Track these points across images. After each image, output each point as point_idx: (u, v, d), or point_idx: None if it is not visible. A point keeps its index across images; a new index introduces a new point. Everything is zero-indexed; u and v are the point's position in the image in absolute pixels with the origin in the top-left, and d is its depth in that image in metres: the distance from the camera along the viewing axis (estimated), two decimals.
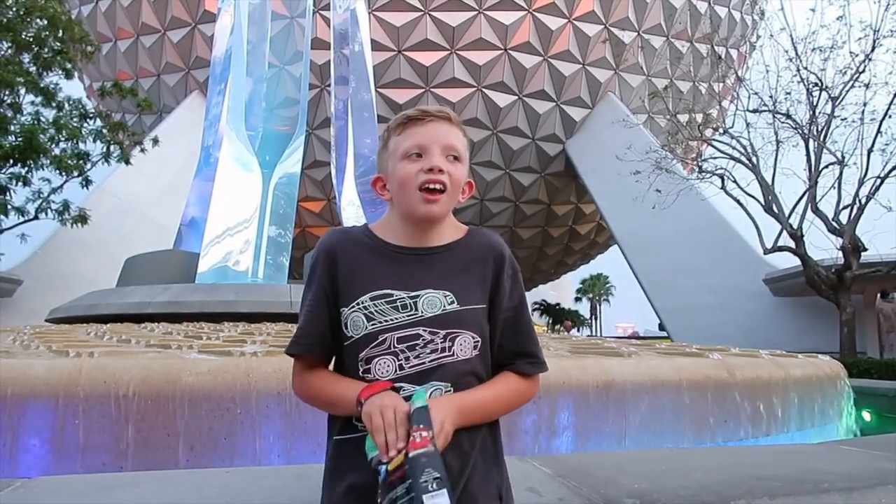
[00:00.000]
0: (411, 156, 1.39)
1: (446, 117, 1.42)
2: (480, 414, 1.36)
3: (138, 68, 34.06)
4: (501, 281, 1.44)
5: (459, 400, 1.31)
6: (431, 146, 1.38)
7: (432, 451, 1.10)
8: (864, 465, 2.19)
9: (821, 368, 5.58)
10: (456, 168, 1.40)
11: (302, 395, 1.44)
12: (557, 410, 3.62)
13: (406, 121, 1.42)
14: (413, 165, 1.38)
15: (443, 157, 1.38)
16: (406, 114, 1.43)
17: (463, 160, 1.42)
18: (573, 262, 46.71)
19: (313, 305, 1.43)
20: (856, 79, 18.86)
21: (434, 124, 1.40)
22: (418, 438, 1.12)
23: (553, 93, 32.82)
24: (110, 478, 2.06)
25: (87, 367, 3.29)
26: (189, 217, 13.37)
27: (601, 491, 1.82)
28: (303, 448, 3.29)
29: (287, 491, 1.82)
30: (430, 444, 1.11)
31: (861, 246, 18.34)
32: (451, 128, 1.42)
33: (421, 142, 1.38)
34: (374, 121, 16.61)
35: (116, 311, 9.63)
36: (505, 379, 1.42)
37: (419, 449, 1.11)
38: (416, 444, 1.12)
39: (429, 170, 1.36)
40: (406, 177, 1.38)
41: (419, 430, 1.13)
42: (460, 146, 1.42)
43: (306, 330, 1.43)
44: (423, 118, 1.40)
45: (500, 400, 1.40)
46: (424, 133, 1.39)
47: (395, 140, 1.43)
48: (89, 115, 20.57)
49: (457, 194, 1.42)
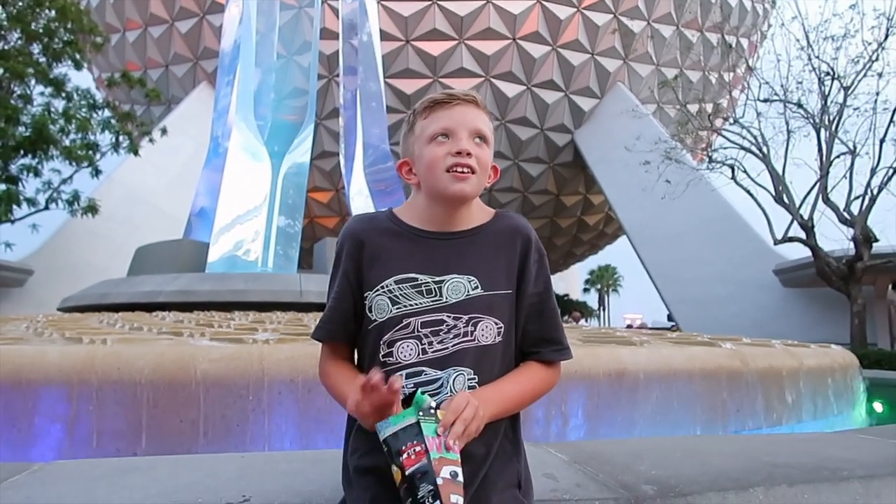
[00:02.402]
0: (438, 139, 1.37)
1: (473, 101, 1.41)
2: (513, 406, 1.37)
3: (147, 59, 34.10)
4: (528, 265, 1.42)
5: (493, 394, 1.32)
6: (458, 129, 1.37)
7: (425, 466, 1.13)
8: (882, 454, 2.17)
9: (834, 358, 5.54)
10: (483, 151, 1.39)
11: (322, 382, 1.46)
12: (569, 398, 3.61)
13: (432, 104, 1.41)
14: (440, 148, 1.36)
15: (470, 141, 1.37)
16: (433, 97, 1.42)
17: (489, 143, 1.41)
18: (581, 252, 46.61)
19: (338, 292, 1.43)
20: (868, 68, 18.65)
21: (461, 108, 1.39)
22: (413, 455, 1.14)
23: (562, 83, 32.63)
24: (125, 462, 2.07)
25: (100, 354, 3.31)
26: (198, 207, 13.40)
27: (618, 477, 1.81)
28: (315, 434, 3.30)
29: (303, 475, 1.82)
30: (424, 458, 1.14)
31: (872, 237, 18.19)
32: (477, 111, 1.40)
33: (448, 125, 1.37)
34: (383, 111, 16.57)
35: (127, 299, 9.68)
36: (531, 370, 1.42)
37: (413, 466, 1.13)
38: (410, 460, 1.14)
39: (457, 153, 1.35)
40: (433, 159, 1.36)
41: (412, 447, 1.15)
42: (487, 130, 1.41)
43: (330, 316, 1.44)
44: (450, 101, 1.39)
45: (528, 392, 1.40)
46: (451, 117, 1.38)
47: (422, 124, 1.41)
48: (98, 105, 20.63)
49: (485, 177, 1.41)
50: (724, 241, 25.10)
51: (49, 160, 19.32)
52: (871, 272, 19.12)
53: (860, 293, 18.35)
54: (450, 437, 1.17)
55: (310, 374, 3.35)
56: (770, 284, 24.44)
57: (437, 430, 1.18)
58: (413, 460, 1.14)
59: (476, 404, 1.22)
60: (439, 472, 1.13)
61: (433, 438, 1.17)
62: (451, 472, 1.14)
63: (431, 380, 1.34)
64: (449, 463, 1.15)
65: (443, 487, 1.11)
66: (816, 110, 19.28)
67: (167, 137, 22.37)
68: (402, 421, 1.19)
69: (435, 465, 1.13)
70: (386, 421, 1.21)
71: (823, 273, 18.75)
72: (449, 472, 1.13)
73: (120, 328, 5.31)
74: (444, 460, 1.15)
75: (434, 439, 1.16)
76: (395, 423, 1.19)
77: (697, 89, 31.17)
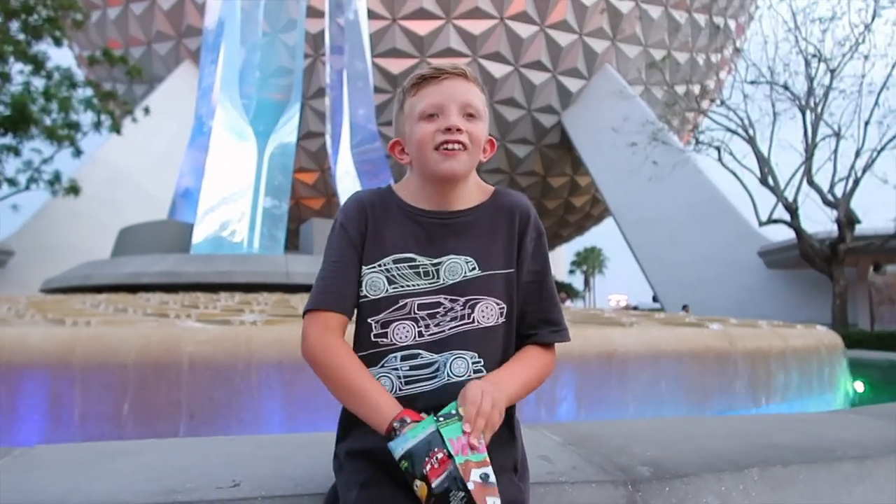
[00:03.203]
0: (427, 115, 1.32)
1: (462, 73, 1.35)
2: (525, 391, 1.33)
3: (129, 37, 33.48)
4: (525, 243, 1.39)
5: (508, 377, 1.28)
6: (448, 105, 1.31)
7: (453, 471, 1.05)
8: (873, 434, 2.18)
9: (819, 339, 5.59)
10: (475, 125, 1.34)
11: (316, 359, 1.30)
12: (560, 379, 3.61)
13: (420, 80, 1.35)
14: (430, 126, 1.31)
15: (460, 116, 1.32)
16: (420, 73, 1.35)
17: (482, 117, 1.36)
18: (568, 234, 46.75)
19: (341, 260, 1.35)
20: (855, 50, 18.73)
21: (450, 82, 1.33)
22: (437, 464, 1.06)
23: (549, 63, 32.48)
24: (112, 446, 2.03)
25: (84, 336, 3.25)
26: (183, 187, 13.24)
27: (613, 459, 1.80)
28: (304, 417, 3.27)
29: (293, 459, 1.79)
30: (450, 464, 1.06)
31: (855, 219, 18.39)
32: (467, 84, 1.35)
33: (437, 101, 1.31)
34: (370, 91, 16.40)
35: (111, 281, 9.57)
36: (534, 355, 1.38)
37: (440, 476, 1.05)
38: (435, 470, 1.06)
39: (446, 129, 1.30)
40: (423, 137, 1.31)
41: (434, 455, 1.07)
42: (479, 103, 1.35)
43: (333, 284, 1.34)
44: (438, 76, 1.33)
45: (535, 376, 1.35)
46: (440, 91, 1.32)
47: (411, 101, 1.35)
48: (79, 84, 20.27)
49: (478, 152, 1.36)
50: (709, 223, 25.26)
51: (29, 140, 19.01)
52: (853, 254, 19.35)
53: (842, 275, 18.58)
54: (472, 435, 1.10)
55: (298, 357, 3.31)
56: (754, 266, 24.67)
57: (463, 429, 1.10)
58: (438, 469, 1.05)
59: (491, 392, 1.17)
60: (468, 475, 1.05)
61: (456, 441, 1.09)
62: (482, 474, 1.06)
63: (427, 363, 1.31)
64: (477, 465, 1.07)
65: (476, 493, 1.04)
66: (802, 92, 19.37)
67: (150, 117, 22.05)
68: (420, 433, 1.10)
69: (462, 469, 1.05)
70: (402, 436, 1.12)
71: (807, 255, 18.94)
72: (479, 475, 1.06)
73: (104, 310, 5.24)
74: (471, 463, 1.07)
75: (457, 442, 1.08)
76: (413, 437, 1.10)
77: (685, 71, 31.18)
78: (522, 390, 1.31)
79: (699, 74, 32.44)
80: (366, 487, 1.20)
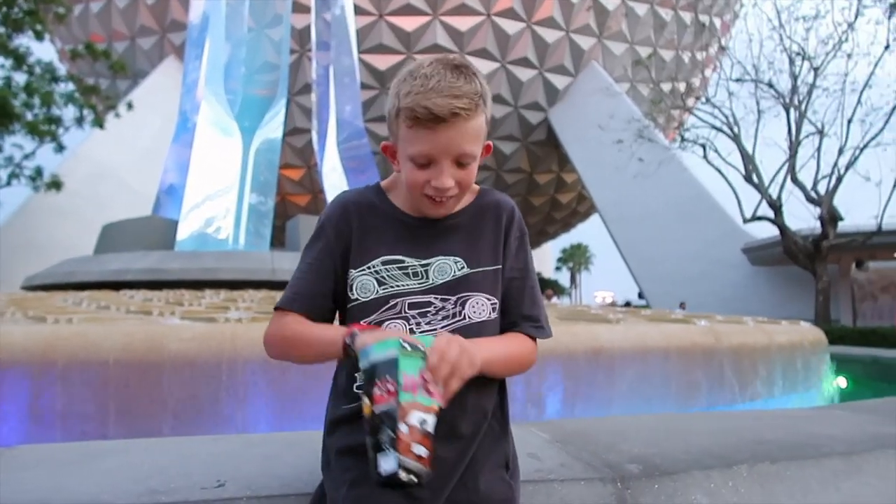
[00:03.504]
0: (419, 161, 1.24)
1: (462, 117, 1.20)
2: (501, 364, 1.28)
3: (112, 31, 33.13)
4: (508, 241, 1.39)
5: (482, 343, 1.24)
6: (441, 159, 1.23)
7: (393, 408, 1.02)
8: (859, 430, 2.19)
9: (804, 335, 5.64)
10: (467, 172, 1.27)
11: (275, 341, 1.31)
12: (548, 376, 3.60)
13: (416, 120, 1.20)
14: (420, 174, 1.25)
15: (452, 168, 1.25)
16: (414, 111, 1.20)
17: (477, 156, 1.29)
18: (554, 231, 46.91)
19: (315, 262, 1.34)
20: (838, 48, 18.89)
21: (444, 133, 1.20)
22: (385, 393, 1.03)
23: (536, 60, 32.52)
24: (95, 445, 1.99)
25: (66, 334, 3.20)
26: (167, 183, 13.13)
27: (602, 456, 1.79)
28: (290, 416, 3.25)
29: (280, 458, 1.77)
30: (393, 399, 1.02)
31: (838, 216, 18.58)
32: (464, 128, 1.21)
33: (428, 152, 1.22)
34: (357, 87, 16.34)
35: (94, 278, 9.47)
36: (515, 337, 1.36)
37: (382, 405, 1.02)
38: (381, 398, 1.03)
39: (436, 188, 1.25)
40: (413, 182, 1.26)
41: (385, 383, 1.03)
42: (475, 146, 1.26)
43: (304, 289, 1.33)
44: (433, 125, 1.20)
45: (515, 355, 1.33)
46: (432, 142, 1.21)
47: (404, 133, 1.24)
48: (61, 78, 20.01)
49: (467, 191, 1.32)
50: (694, 220, 25.43)
51: (11, 135, 18.76)
52: (835, 251, 19.56)
53: (825, 271, 18.77)
54: (430, 382, 1.05)
55: None
56: (739, 263, 24.88)
57: (421, 371, 1.05)
58: (383, 398, 1.02)
59: (461, 345, 1.12)
60: (405, 416, 1.01)
61: (410, 377, 1.04)
62: (420, 419, 1.02)
63: None
64: (421, 409, 1.02)
65: (404, 436, 1.00)
66: (787, 90, 19.52)
67: (134, 112, 21.83)
68: (383, 351, 1.06)
69: (403, 408, 1.01)
70: (369, 347, 1.08)
71: (790, 251, 19.12)
72: (417, 419, 1.01)
73: (86, 307, 5.18)
74: (416, 405, 1.02)
75: (412, 378, 1.04)
76: (377, 352, 1.07)
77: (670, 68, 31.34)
78: (500, 359, 1.28)
79: (685, 72, 32.64)
80: (355, 486, 1.18)
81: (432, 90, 1.19)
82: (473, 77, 1.26)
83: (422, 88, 1.20)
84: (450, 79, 1.21)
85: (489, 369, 1.23)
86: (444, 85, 1.20)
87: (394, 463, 1.00)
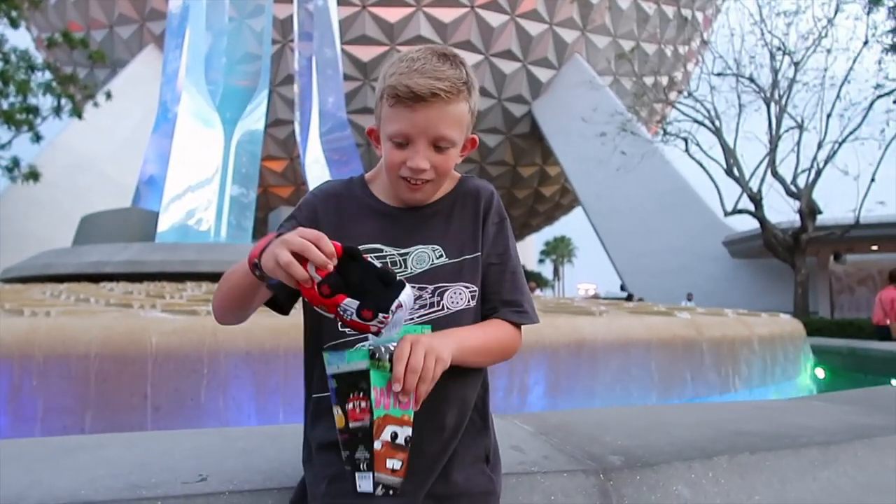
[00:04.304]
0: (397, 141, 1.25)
1: (441, 98, 1.21)
2: (475, 352, 1.25)
3: (90, 19, 32.58)
4: (486, 227, 1.37)
5: (449, 334, 1.21)
6: (417, 138, 1.24)
7: (367, 427, 1.01)
8: (837, 420, 2.22)
9: (783, 327, 5.72)
10: (444, 157, 1.28)
11: (215, 303, 1.29)
12: (530, 369, 3.62)
13: (397, 98, 1.22)
14: (398, 154, 1.26)
15: (429, 150, 1.25)
16: (396, 90, 1.22)
17: (457, 142, 1.29)
18: (537, 223, 47.03)
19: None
20: (818, 44, 19.09)
21: (423, 112, 1.21)
22: (358, 410, 1.02)
23: (520, 53, 32.50)
24: (72, 440, 1.97)
25: (44, 327, 3.16)
26: (147, 174, 12.97)
27: (585, 448, 1.80)
28: (272, 409, 3.24)
29: (262, 452, 1.76)
30: (367, 417, 1.01)
31: (817, 209, 18.82)
32: (445, 109, 1.23)
33: (406, 131, 1.23)
34: (340, 78, 16.24)
35: (73, 270, 9.35)
36: (496, 323, 1.33)
37: (356, 422, 1.02)
38: (355, 414, 1.02)
39: (411, 168, 1.25)
40: (391, 162, 1.27)
41: (358, 399, 1.02)
42: (453, 130, 1.26)
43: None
44: (414, 104, 1.21)
45: (493, 341, 1.30)
46: (411, 121, 1.22)
47: (385, 112, 1.26)
48: (38, 67, 19.67)
49: (444, 178, 1.32)
50: (676, 213, 25.63)
51: None
52: (814, 243, 19.82)
53: (804, 264, 19.02)
54: (402, 392, 1.04)
55: (266, 347, 3.27)
56: (719, 255, 25.12)
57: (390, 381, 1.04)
58: (358, 415, 1.02)
59: (425, 347, 1.09)
60: (380, 434, 1.01)
61: (381, 391, 1.03)
62: (393, 433, 1.02)
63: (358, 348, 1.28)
64: (393, 422, 1.03)
65: (379, 453, 1.01)
66: (767, 85, 19.70)
67: (113, 102, 21.48)
68: (354, 362, 1.04)
69: (377, 425, 1.01)
70: (339, 354, 1.05)
71: (770, 244, 19.34)
72: (390, 434, 1.02)
73: (65, 300, 5.11)
74: (389, 419, 1.02)
75: (383, 391, 1.03)
76: (349, 361, 1.04)
77: (653, 62, 31.48)
78: (476, 348, 1.25)
79: (667, 66, 32.78)
80: (336, 481, 1.17)
81: (416, 71, 1.21)
82: (460, 65, 1.26)
83: (406, 69, 1.22)
84: (435, 63, 1.23)
85: (464, 359, 1.20)
86: (429, 67, 1.22)
87: (370, 484, 1.02)
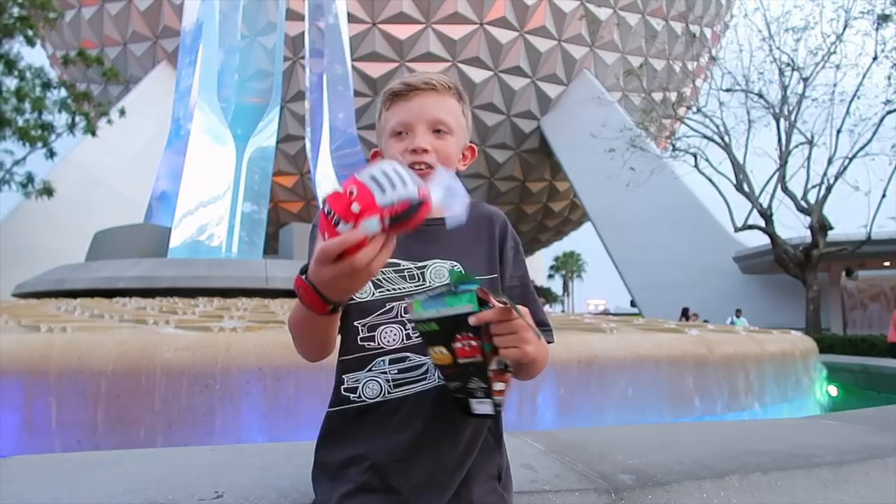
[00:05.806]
0: (397, 134, 1.33)
1: (432, 87, 1.33)
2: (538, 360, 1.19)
3: (104, 37, 33.03)
4: (505, 250, 1.41)
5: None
6: (416, 123, 1.31)
7: (479, 362, 1.07)
8: (849, 439, 2.22)
9: (794, 344, 5.68)
10: (444, 142, 1.33)
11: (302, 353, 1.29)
12: (540, 385, 3.62)
13: (391, 96, 1.35)
14: (399, 145, 1.32)
15: (428, 134, 1.31)
16: (391, 88, 1.35)
17: (454, 131, 1.35)
18: (546, 239, 46.96)
19: None
20: (827, 59, 19.09)
21: (419, 98, 1.32)
22: (467, 348, 1.06)
23: (528, 69, 32.66)
24: (90, 456, 1.99)
25: (59, 343, 3.20)
26: (160, 190, 13.08)
27: (596, 467, 1.81)
28: (285, 425, 3.25)
29: (276, 469, 1.78)
30: (478, 354, 1.06)
31: (828, 225, 18.72)
32: (438, 98, 1.33)
33: (404, 119, 1.32)
34: (350, 95, 16.37)
35: (86, 285, 9.42)
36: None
37: (467, 358, 1.07)
38: (464, 351, 1.07)
39: (412, 150, 1.30)
40: (392, 156, 1.32)
41: (467, 339, 1.06)
42: (449, 117, 1.34)
43: None
44: (407, 92, 1.32)
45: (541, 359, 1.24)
46: (408, 109, 1.32)
47: (385, 116, 1.36)
48: (53, 84, 19.95)
49: (448, 165, 1.35)
50: (686, 229, 25.55)
51: (1, 140, 18.68)
52: (825, 259, 19.70)
53: (815, 280, 18.90)
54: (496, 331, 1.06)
55: (279, 363, 3.29)
56: (729, 271, 24.99)
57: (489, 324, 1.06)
58: (468, 352, 1.06)
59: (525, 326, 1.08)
60: (489, 364, 1.07)
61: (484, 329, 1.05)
62: (499, 360, 1.07)
63: (416, 365, 1.30)
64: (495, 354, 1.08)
65: (491, 381, 1.09)
66: (776, 100, 19.70)
67: (125, 118, 21.72)
68: (459, 305, 1.04)
69: (487, 357, 1.06)
70: (437, 300, 1.06)
71: (781, 260, 19.24)
72: (497, 362, 1.08)
73: (79, 315, 5.16)
74: (494, 352, 1.07)
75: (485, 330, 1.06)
76: (451, 305, 1.05)
77: (662, 78, 31.53)
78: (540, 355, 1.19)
79: (676, 82, 32.82)
80: (347, 497, 1.19)
81: (409, 77, 1.35)
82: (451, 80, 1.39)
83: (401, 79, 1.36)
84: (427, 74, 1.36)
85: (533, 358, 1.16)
86: (421, 74, 1.36)
87: (489, 407, 1.12)
